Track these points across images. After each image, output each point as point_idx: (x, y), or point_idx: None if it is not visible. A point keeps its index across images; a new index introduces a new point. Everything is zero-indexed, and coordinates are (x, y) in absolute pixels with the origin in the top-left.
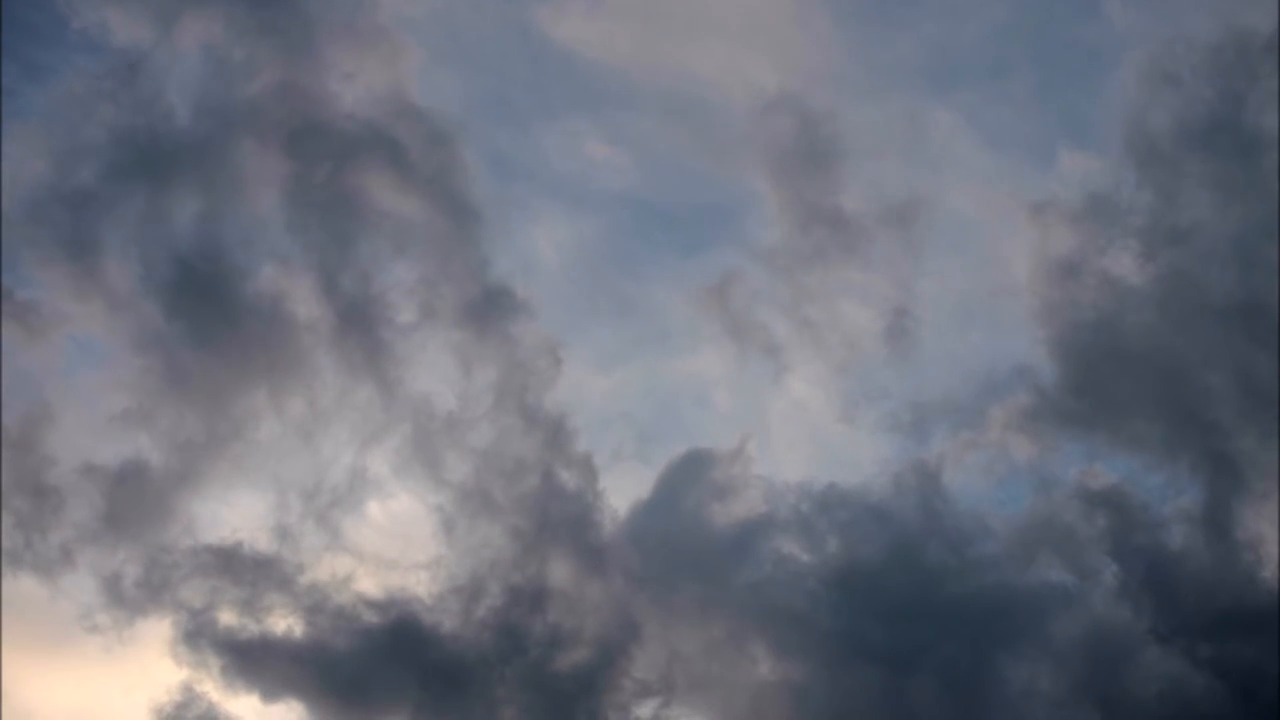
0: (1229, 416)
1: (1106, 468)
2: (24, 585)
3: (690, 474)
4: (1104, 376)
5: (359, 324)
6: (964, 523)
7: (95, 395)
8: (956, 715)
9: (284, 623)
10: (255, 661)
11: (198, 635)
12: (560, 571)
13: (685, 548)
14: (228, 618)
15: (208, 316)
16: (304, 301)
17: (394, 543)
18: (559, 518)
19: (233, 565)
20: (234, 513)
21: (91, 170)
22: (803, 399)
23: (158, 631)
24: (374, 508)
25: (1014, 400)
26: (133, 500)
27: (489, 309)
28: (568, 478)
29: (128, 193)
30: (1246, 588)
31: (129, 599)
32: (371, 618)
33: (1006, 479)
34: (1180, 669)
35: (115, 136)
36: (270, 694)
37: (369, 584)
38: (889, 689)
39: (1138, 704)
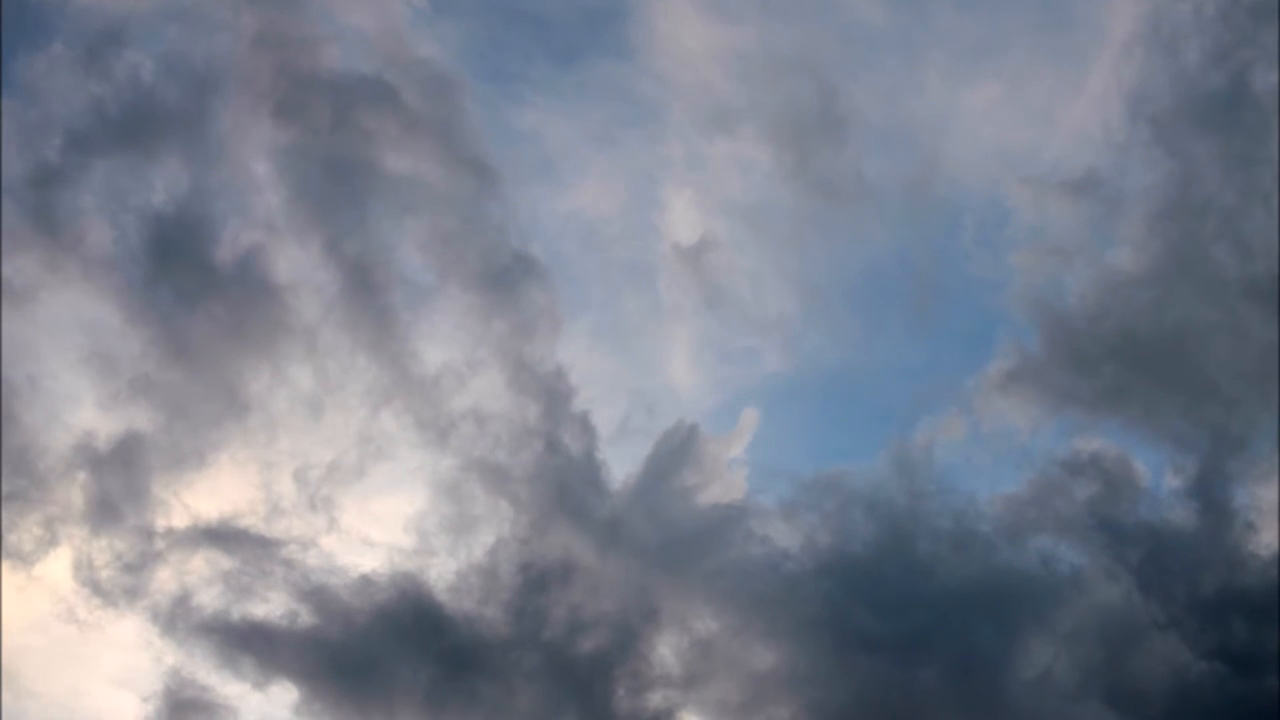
0: (1228, 393)
1: (1103, 445)
2: (9, 568)
3: (679, 455)
4: (1100, 350)
5: (356, 288)
6: (959, 501)
7: (87, 371)
8: (961, 703)
9: (273, 604)
10: (250, 644)
11: (190, 619)
12: (559, 549)
13: (676, 529)
14: (219, 600)
15: (198, 285)
16: (302, 267)
17: (392, 519)
18: (560, 491)
19: (227, 545)
20: (229, 490)
21: (73, 141)
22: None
23: (152, 616)
24: (369, 484)
25: (1010, 379)
26: (124, 478)
27: (502, 275)
28: (569, 447)
29: (111, 162)
30: (1245, 565)
31: (120, 582)
32: (368, 596)
33: (1007, 457)
34: (1178, 649)
35: (96, 105)
36: (265, 678)
37: (367, 562)
38: (882, 673)
39: (1134, 676)
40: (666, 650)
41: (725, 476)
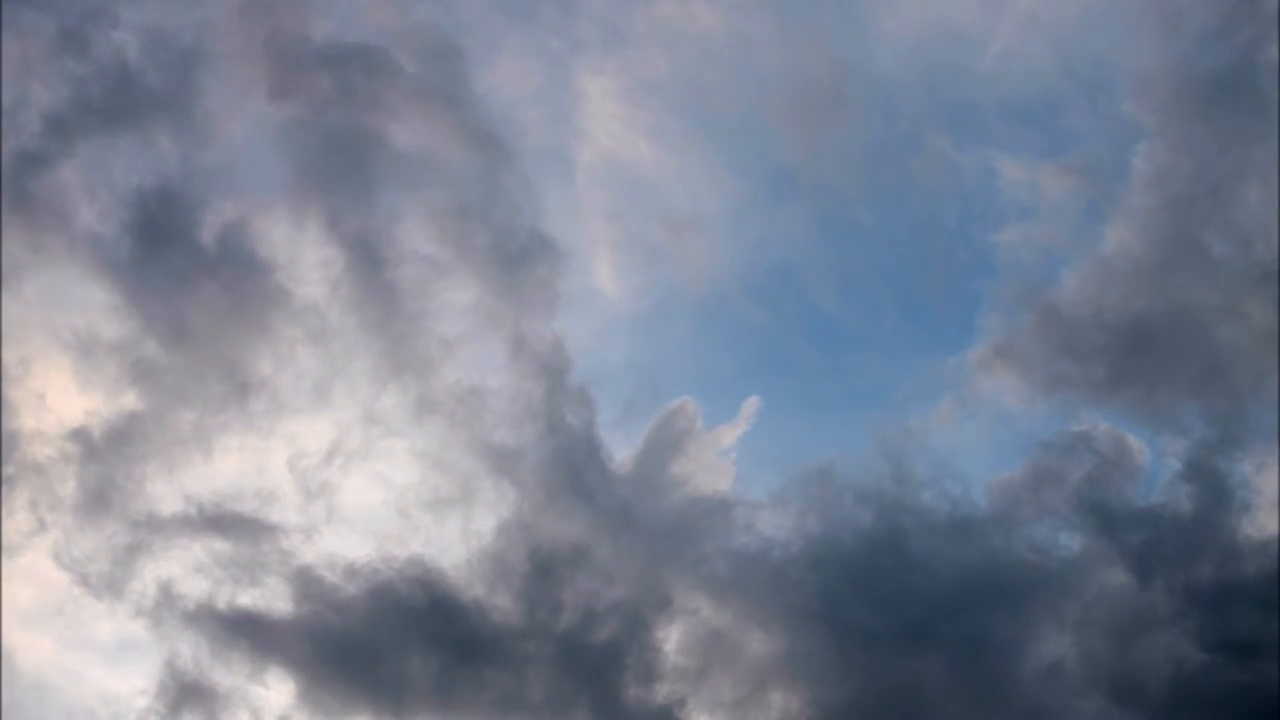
0: (1227, 377)
1: (1100, 428)
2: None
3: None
4: (1096, 333)
5: (355, 265)
6: (954, 487)
7: (77, 354)
8: (959, 692)
9: (271, 592)
10: (249, 632)
11: (187, 607)
12: (560, 532)
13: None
14: (216, 588)
15: (191, 265)
16: (297, 245)
17: (392, 504)
18: (564, 479)
19: (224, 531)
20: (227, 475)
21: (61, 123)
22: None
23: (148, 607)
24: (370, 469)
25: (999, 356)
26: (116, 463)
27: (509, 250)
28: (571, 433)
29: (100, 142)
30: (1244, 552)
31: (112, 570)
32: (368, 584)
33: (1001, 440)
34: (1178, 638)
35: (80, 85)
36: (263, 667)
37: (366, 548)
38: (881, 664)
39: (1133, 664)
40: (669, 638)
41: (716, 464)
